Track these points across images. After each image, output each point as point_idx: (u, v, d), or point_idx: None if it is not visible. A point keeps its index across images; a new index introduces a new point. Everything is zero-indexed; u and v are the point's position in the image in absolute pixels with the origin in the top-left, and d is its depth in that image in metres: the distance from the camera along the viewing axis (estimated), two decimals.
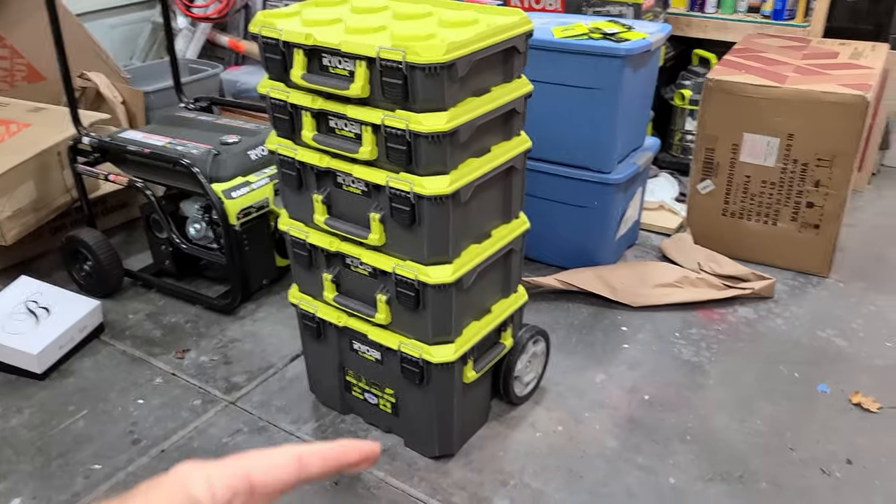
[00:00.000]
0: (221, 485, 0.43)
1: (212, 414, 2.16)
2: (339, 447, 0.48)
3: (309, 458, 0.47)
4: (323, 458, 0.47)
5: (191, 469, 0.43)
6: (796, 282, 2.74)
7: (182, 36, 4.08)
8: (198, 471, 0.43)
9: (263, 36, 1.66)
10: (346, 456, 0.48)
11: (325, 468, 0.47)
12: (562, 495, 1.86)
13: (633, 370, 2.30)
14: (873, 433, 2.04)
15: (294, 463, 0.46)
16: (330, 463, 0.47)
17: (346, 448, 0.48)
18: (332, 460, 0.47)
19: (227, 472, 0.44)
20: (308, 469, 0.46)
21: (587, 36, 2.48)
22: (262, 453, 0.46)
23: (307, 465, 0.46)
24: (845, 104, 2.49)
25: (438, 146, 1.56)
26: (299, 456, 0.46)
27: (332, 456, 0.48)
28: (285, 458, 0.46)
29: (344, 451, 0.48)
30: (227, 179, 2.45)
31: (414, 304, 1.73)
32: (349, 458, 0.48)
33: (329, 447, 0.48)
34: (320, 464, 0.47)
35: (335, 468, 0.48)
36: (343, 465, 0.48)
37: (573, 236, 2.73)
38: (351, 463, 0.48)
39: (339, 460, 0.48)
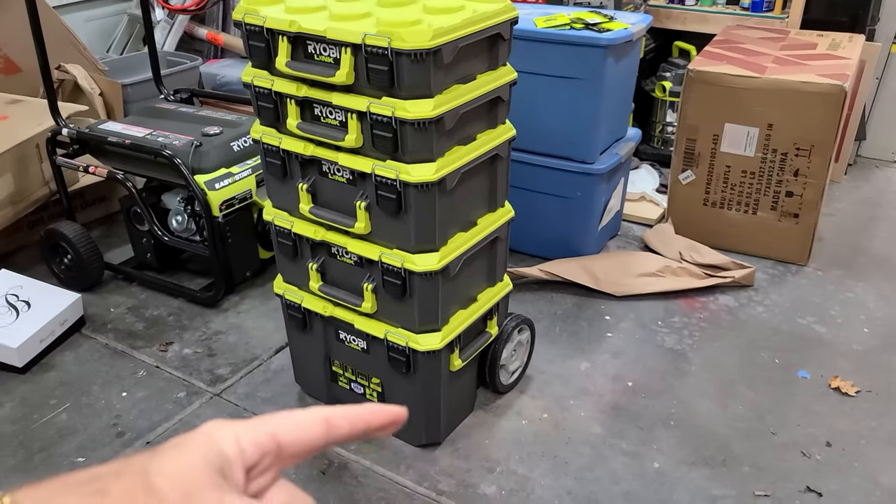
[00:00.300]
0: (250, 442, 0.43)
1: (197, 406, 2.14)
2: (367, 410, 0.48)
3: (336, 420, 0.46)
4: (350, 420, 0.47)
5: (220, 426, 0.43)
6: (776, 270, 2.77)
7: (159, 28, 4.04)
8: (227, 428, 0.43)
9: (247, 23, 1.65)
10: (374, 419, 0.48)
11: (352, 431, 0.47)
12: (548, 481, 1.87)
13: (616, 358, 2.32)
14: (852, 416, 2.07)
15: (322, 425, 0.46)
16: (357, 426, 0.47)
17: (374, 411, 0.48)
18: (360, 423, 0.47)
19: (255, 431, 0.43)
20: (335, 431, 0.46)
21: (569, 26, 2.49)
22: (291, 414, 0.46)
23: (335, 427, 0.46)
24: (823, 94, 2.52)
25: (425, 133, 1.56)
26: (327, 418, 0.46)
27: (360, 419, 0.47)
28: (313, 419, 0.46)
29: (371, 414, 0.48)
30: (209, 171, 2.43)
31: (400, 293, 1.73)
32: (376, 421, 0.48)
33: (356, 410, 0.47)
34: (348, 426, 0.46)
35: (362, 431, 0.47)
36: (370, 428, 0.48)
37: (557, 227, 2.74)
38: (378, 426, 0.48)
39: (367, 423, 0.47)
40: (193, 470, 0.40)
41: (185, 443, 0.41)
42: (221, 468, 0.41)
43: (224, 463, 0.41)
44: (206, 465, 0.40)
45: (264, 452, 0.43)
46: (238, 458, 0.42)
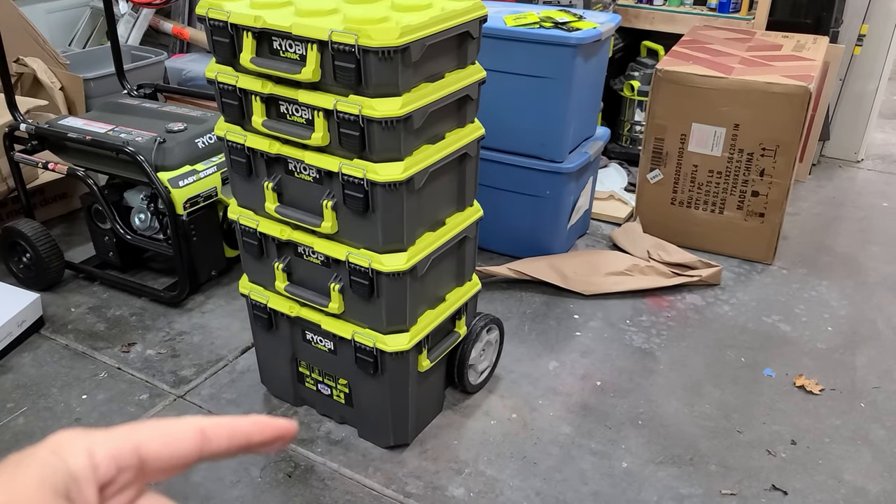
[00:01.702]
0: (106, 455, 0.37)
1: (160, 408, 2.10)
2: (249, 423, 0.42)
3: (213, 432, 0.41)
4: (230, 433, 0.41)
5: (71, 437, 0.37)
6: (742, 269, 2.80)
7: (124, 21, 3.96)
8: (78, 440, 0.37)
9: (211, 18, 1.62)
10: (257, 432, 0.42)
11: (231, 444, 0.41)
12: (516, 482, 1.87)
13: (585, 357, 2.32)
14: (816, 414, 2.10)
15: (195, 437, 0.40)
16: (237, 439, 0.42)
17: (258, 424, 0.43)
18: (240, 436, 0.42)
19: (113, 442, 0.38)
20: (211, 445, 0.41)
21: (539, 25, 2.48)
22: (159, 424, 0.40)
23: (210, 439, 0.41)
24: (789, 95, 2.55)
25: (392, 132, 1.54)
26: (202, 429, 0.41)
27: (241, 432, 0.42)
28: (185, 430, 0.40)
29: (255, 427, 0.42)
30: (173, 168, 2.38)
31: (368, 293, 1.71)
32: (260, 436, 0.43)
33: (237, 422, 0.42)
34: (226, 440, 0.41)
35: (243, 446, 0.42)
36: (252, 442, 0.42)
37: (525, 225, 2.74)
38: (261, 441, 0.43)
39: (248, 437, 0.42)
40: (27, 494, 0.34)
41: (23, 461, 0.36)
42: (66, 489, 0.35)
43: (70, 482, 0.36)
44: (44, 488, 0.35)
45: (123, 467, 0.38)
46: (89, 474, 0.36)
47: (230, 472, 1.89)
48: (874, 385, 2.21)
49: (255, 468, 1.90)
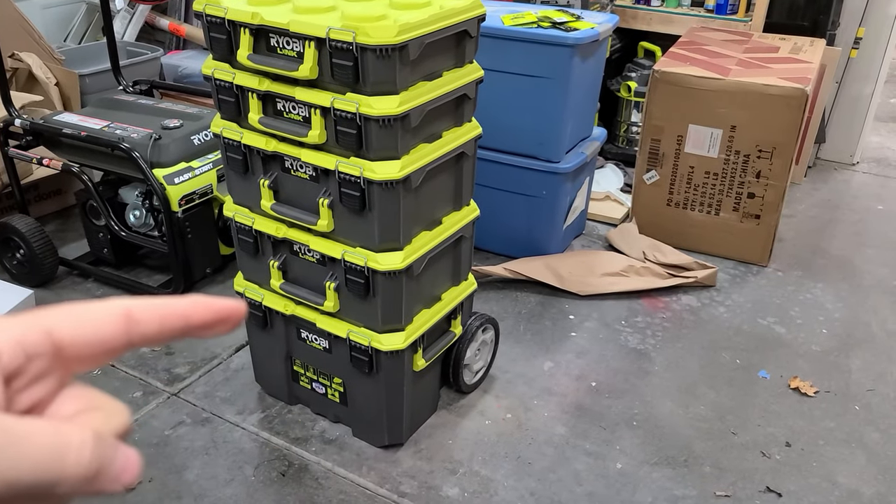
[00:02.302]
0: (7, 341, 0.33)
1: (153, 406, 2.09)
2: (187, 303, 0.37)
3: (141, 315, 0.36)
4: (162, 315, 0.37)
5: None
6: (737, 271, 2.80)
7: (120, 17, 3.94)
8: None
9: (208, 14, 1.61)
10: (196, 314, 0.37)
11: (164, 328, 0.37)
12: (511, 482, 1.86)
13: (580, 358, 2.32)
14: (811, 416, 2.10)
15: (119, 319, 0.36)
16: (171, 322, 0.37)
17: (198, 304, 0.38)
18: (175, 318, 0.37)
19: (18, 327, 0.33)
20: (140, 328, 0.36)
21: (536, 24, 2.48)
22: (76, 306, 0.36)
23: (139, 322, 0.36)
24: (785, 97, 2.55)
25: (389, 130, 1.54)
26: (127, 310, 0.36)
27: (175, 313, 0.37)
28: (107, 312, 0.36)
29: (192, 307, 0.37)
30: (168, 165, 2.37)
31: (363, 292, 1.70)
32: (200, 317, 0.38)
33: (171, 303, 0.37)
34: (157, 322, 0.36)
35: (180, 329, 0.37)
36: (191, 325, 0.37)
37: (522, 225, 2.73)
38: (203, 324, 0.38)
39: (186, 319, 0.37)
40: None
41: None
42: None
43: None
44: None
45: (32, 354, 0.34)
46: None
47: (224, 470, 1.88)
48: (868, 388, 2.21)
49: (249, 466, 1.89)
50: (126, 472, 0.33)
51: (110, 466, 0.32)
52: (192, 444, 1.96)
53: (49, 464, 0.30)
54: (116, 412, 0.35)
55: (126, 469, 0.33)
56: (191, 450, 1.94)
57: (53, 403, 0.34)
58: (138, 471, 0.33)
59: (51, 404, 0.34)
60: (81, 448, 0.31)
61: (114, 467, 0.32)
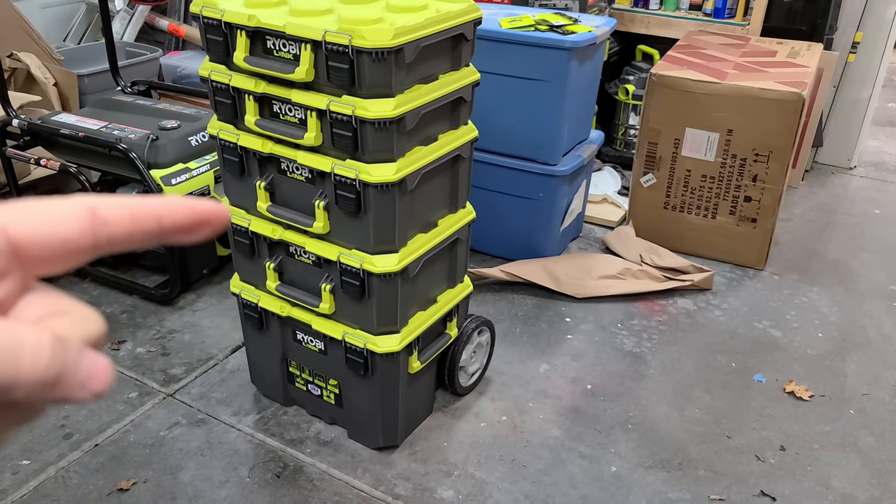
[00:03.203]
0: None
1: (149, 406, 2.09)
2: (159, 203, 0.34)
3: (110, 212, 0.33)
4: (132, 213, 0.33)
5: None
6: (734, 274, 2.80)
7: (119, 18, 3.95)
8: None
9: (205, 16, 1.61)
10: (171, 215, 0.34)
11: (135, 227, 0.34)
12: (505, 485, 1.86)
13: (576, 360, 2.32)
14: (806, 420, 2.10)
15: (83, 216, 0.32)
16: (143, 221, 0.34)
17: (172, 205, 0.35)
18: (147, 218, 0.34)
19: None
20: (107, 228, 0.33)
21: (534, 27, 2.48)
22: (36, 203, 0.33)
23: (105, 220, 0.33)
24: (782, 101, 2.55)
25: (385, 133, 1.54)
26: (92, 208, 0.33)
27: (148, 213, 0.34)
28: (70, 209, 0.32)
29: (167, 209, 0.34)
30: (166, 166, 2.38)
31: (359, 294, 1.71)
32: (173, 219, 0.34)
33: (142, 201, 0.34)
34: (127, 221, 0.33)
35: (153, 230, 0.34)
36: (166, 226, 0.34)
37: (518, 228, 2.74)
38: (178, 226, 0.35)
39: (159, 220, 0.34)
40: None
41: None
42: None
43: None
44: None
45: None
46: None
47: (219, 471, 1.88)
48: (863, 392, 2.22)
49: (244, 468, 1.89)
50: (94, 380, 0.30)
51: (74, 372, 0.30)
52: (187, 445, 1.96)
53: (2, 364, 0.28)
54: (87, 319, 0.33)
55: (94, 376, 0.31)
56: (186, 451, 1.95)
57: (15, 308, 0.32)
58: (109, 379, 0.31)
59: (12, 309, 0.32)
60: (38, 349, 0.29)
61: (79, 373, 0.30)
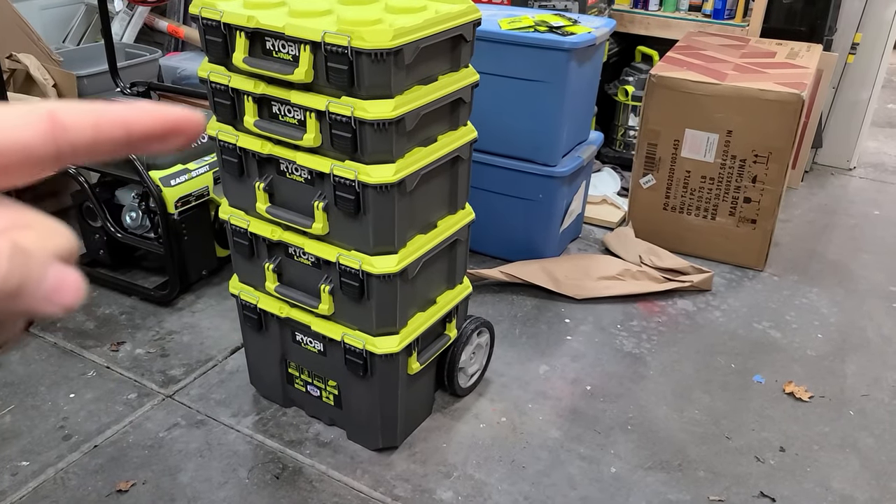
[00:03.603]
0: None
1: (148, 408, 2.09)
2: (126, 109, 0.32)
3: (71, 118, 0.30)
4: (95, 120, 0.31)
5: None
6: (733, 275, 2.80)
7: (118, 19, 3.95)
8: None
9: (204, 17, 1.61)
10: (136, 122, 0.32)
11: (99, 134, 0.31)
12: (505, 486, 1.86)
13: (575, 361, 2.32)
14: (805, 421, 2.10)
15: (42, 122, 0.30)
16: (108, 128, 0.31)
17: (140, 112, 0.32)
18: (113, 125, 0.31)
19: None
20: (69, 134, 0.30)
21: (533, 29, 2.48)
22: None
23: (66, 127, 0.30)
24: (782, 102, 2.55)
25: (384, 134, 1.54)
26: (51, 112, 0.30)
27: (114, 119, 0.31)
28: (25, 114, 0.30)
29: (133, 115, 0.32)
30: (165, 167, 2.38)
31: (358, 295, 1.71)
32: (141, 126, 0.32)
33: (108, 107, 0.31)
34: (89, 128, 0.31)
35: (120, 140, 0.32)
36: (134, 134, 0.32)
37: (518, 229, 2.74)
38: (145, 134, 0.32)
39: (126, 127, 0.31)
40: None
41: None
42: None
43: None
44: None
45: None
46: None
47: (218, 472, 1.88)
48: (863, 393, 2.21)
49: (244, 469, 1.89)
50: (62, 293, 0.29)
51: (38, 284, 0.29)
52: (186, 446, 1.96)
53: None
54: (54, 232, 0.31)
55: (62, 290, 0.29)
56: (185, 452, 1.94)
57: None
58: (79, 293, 0.30)
59: None
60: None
61: (43, 285, 0.29)
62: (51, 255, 0.30)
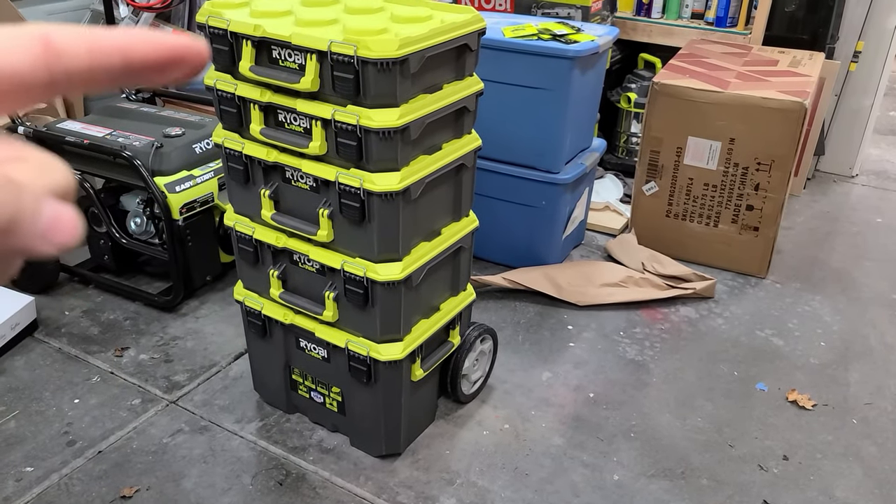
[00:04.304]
0: None
1: (152, 413, 2.10)
2: (125, 35, 0.30)
3: (64, 43, 0.28)
4: (91, 44, 0.29)
5: None
6: (736, 282, 2.81)
7: (123, 25, 3.96)
8: None
9: (211, 26, 1.62)
10: (135, 49, 0.30)
11: (95, 63, 0.29)
12: (508, 493, 1.87)
13: (578, 368, 2.32)
14: (809, 430, 2.10)
15: (34, 46, 0.28)
16: (103, 56, 0.29)
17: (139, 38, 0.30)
18: (109, 52, 0.29)
19: None
20: (63, 61, 0.28)
21: (537, 37, 2.50)
22: None
23: (59, 52, 0.28)
24: (784, 110, 2.56)
25: (389, 142, 1.55)
26: (45, 36, 0.28)
27: (110, 45, 0.29)
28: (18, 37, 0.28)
29: (132, 42, 0.30)
30: (170, 173, 2.38)
31: (362, 302, 1.71)
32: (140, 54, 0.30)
33: (106, 33, 0.29)
34: (84, 54, 0.29)
35: (117, 67, 0.30)
36: (131, 63, 0.30)
37: (521, 235, 2.74)
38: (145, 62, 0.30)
39: (124, 54, 0.29)
40: None
41: None
42: None
43: None
44: None
45: None
46: None
47: (222, 478, 1.89)
48: (866, 401, 2.22)
49: (247, 475, 1.90)
50: (58, 231, 0.28)
51: (32, 220, 0.27)
52: (190, 452, 1.97)
53: None
54: (50, 167, 0.29)
55: (57, 227, 0.28)
56: (189, 458, 1.95)
57: None
58: (75, 232, 0.28)
59: None
60: None
61: (38, 222, 0.27)
62: (46, 190, 0.28)
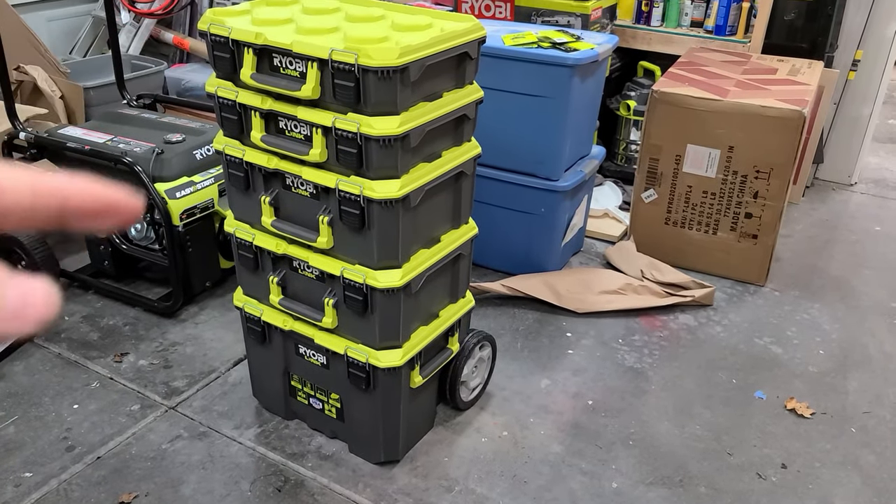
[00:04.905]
0: None
1: (151, 419, 2.10)
2: (67, 179, 0.32)
3: (8, 181, 0.31)
4: (33, 185, 0.31)
5: None
6: (734, 290, 2.81)
7: (125, 31, 3.98)
8: None
9: (212, 34, 1.63)
10: (75, 194, 0.32)
11: (36, 203, 0.32)
12: (506, 501, 1.87)
13: (577, 376, 2.32)
14: (807, 438, 2.10)
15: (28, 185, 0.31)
16: (44, 196, 0.32)
17: (81, 185, 0.32)
18: (50, 193, 0.32)
19: None
20: (5, 196, 0.31)
21: (537, 45, 2.51)
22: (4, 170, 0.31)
23: (2, 188, 0.31)
24: (783, 118, 2.57)
25: (389, 150, 1.55)
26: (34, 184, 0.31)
27: (51, 188, 0.32)
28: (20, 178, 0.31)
29: (73, 188, 0.32)
30: (170, 179, 2.39)
31: (362, 309, 1.72)
32: (77, 201, 0.32)
33: (49, 175, 0.32)
34: (27, 193, 0.31)
35: (55, 209, 0.32)
36: (70, 208, 0.32)
37: (520, 242, 2.75)
38: (80, 209, 0.32)
39: (62, 197, 0.32)
40: None
41: None
42: None
43: None
44: None
45: None
46: None
47: (220, 485, 1.89)
48: (865, 410, 2.22)
49: (246, 481, 1.90)
50: (29, 308, 0.28)
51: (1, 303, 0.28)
52: (188, 458, 1.97)
53: None
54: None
55: (27, 305, 0.28)
56: (187, 464, 1.95)
57: None
58: (49, 304, 0.29)
59: None
60: None
61: (7, 305, 0.28)
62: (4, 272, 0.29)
